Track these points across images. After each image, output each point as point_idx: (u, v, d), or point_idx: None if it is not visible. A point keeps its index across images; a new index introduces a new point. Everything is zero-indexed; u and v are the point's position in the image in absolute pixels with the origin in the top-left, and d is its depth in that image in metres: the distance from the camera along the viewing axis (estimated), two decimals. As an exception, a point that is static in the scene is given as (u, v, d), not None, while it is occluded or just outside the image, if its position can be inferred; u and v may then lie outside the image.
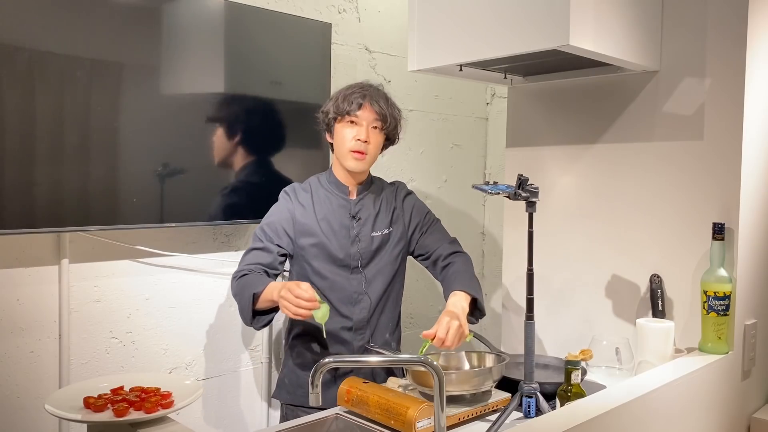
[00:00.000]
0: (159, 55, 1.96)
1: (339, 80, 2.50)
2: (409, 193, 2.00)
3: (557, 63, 1.77)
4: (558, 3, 1.41)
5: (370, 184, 1.92)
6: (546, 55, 1.57)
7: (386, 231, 1.88)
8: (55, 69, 1.76)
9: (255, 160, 2.21)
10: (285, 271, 1.97)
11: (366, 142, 1.80)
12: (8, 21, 1.69)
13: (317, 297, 1.54)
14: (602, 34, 1.50)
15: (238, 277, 1.74)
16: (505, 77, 1.99)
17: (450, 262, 1.88)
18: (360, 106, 1.79)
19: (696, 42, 1.68)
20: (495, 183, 1.53)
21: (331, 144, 1.89)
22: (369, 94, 1.82)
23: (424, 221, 1.96)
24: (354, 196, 1.88)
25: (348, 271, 1.83)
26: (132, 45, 1.90)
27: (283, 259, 1.82)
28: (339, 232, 1.82)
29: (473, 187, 1.56)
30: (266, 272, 1.76)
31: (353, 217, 1.84)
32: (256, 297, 1.66)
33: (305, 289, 1.53)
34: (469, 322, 1.76)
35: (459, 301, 1.71)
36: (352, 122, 1.81)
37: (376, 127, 1.82)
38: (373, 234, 1.85)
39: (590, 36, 1.46)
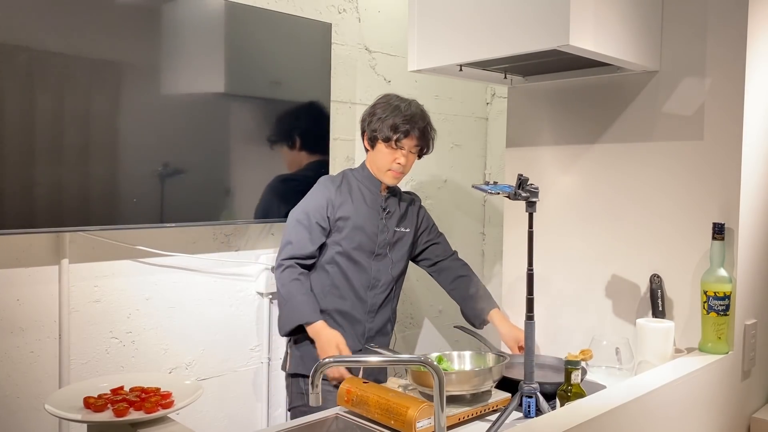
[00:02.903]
0: (159, 55, 1.96)
1: (339, 80, 2.50)
2: (422, 205, 2.24)
3: (557, 63, 1.77)
4: (558, 3, 1.41)
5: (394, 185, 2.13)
6: (546, 55, 1.57)
7: (404, 230, 2.10)
8: (55, 69, 1.76)
9: (255, 159, 2.21)
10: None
11: (406, 164, 2.02)
12: (8, 21, 1.69)
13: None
14: (602, 34, 1.50)
15: (287, 270, 1.94)
16: (505, 77, 1.99)
17: (465, 274, 2.17)
18: (407, 135, 1.98)
19: (696, 42, 1.68)
20: (495, 183, 1.53)
21: (366, 146, 2.09)
22: (416, 124, 1.99)
23: (431, 231, 2.21)
24: (383, 192, 2.08)
25: (371, 257, 2.02)
26: (132, 45, 1.90)
27: (322, 241, 1.98)
28: (371, 221, 2.02)
29: (473, 187, 1.56)
30: (307, 266, 1.98)
31: (384, 209, 2.06)
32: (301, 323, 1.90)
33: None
34: (478, 327, 2.08)
35: (506, 318, 2.05)
36: (394, 147, 1.99)
37: (413, 152, 2.04)
38: (396, 229, 2.07)
39: (590, 36, 1.46)
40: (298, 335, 1.99)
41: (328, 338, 1.85)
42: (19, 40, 1.71)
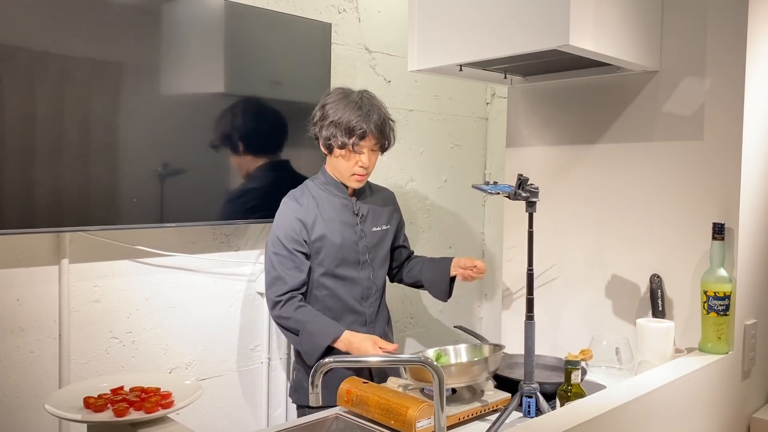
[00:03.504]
0: (159, 55, 1.96)
1: (339, 80, 2.50)
2: (395, 200, 2.15)
3: (557, 63, 1.77)
4: (558, 3, 1.41)
5: None
6: (546, 55, 1.57)
7: (385, 227, 2.00)
8: (55, 69, 1.76)
9: (255, 160, 2.21)
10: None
11: (369, 166, 1.89)
12: (8, 21, 1.69)
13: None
14: (602, 34, 1.50)
15: (286, 305, 1.82)
16: (505, 77, 1.99)
17: (415, 257, 2.16)
18: (363, 137, 1.84)
19: (696, 42, 1.68)
20: (495, 183, 1.53)
21: (324, 150, 1.94)
22: (371, 121, 1.84)
23: (402, 231, 2.14)
24: (352, 195, 1.97)
25: (357, 268, 1.93)
26: (132, 45, 1.90)
27: (309, 265, 1.88)
28: (346, 230, 1.91)
29: (473, 187, 1.56)
30: (303, 294, 1.87)
31: (356, 214, 1.95)
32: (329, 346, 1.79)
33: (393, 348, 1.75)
34: (442, 297, 2.04)
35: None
36: (357, 150, 1.86)
37: (374, 150, 1.90)
38: (374, 229, 1.97)
39: (590, 36, 1.46)
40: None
41: (360, 341, 1.75)
42: (19, 41, 1.71)
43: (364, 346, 1.73)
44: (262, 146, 2.22)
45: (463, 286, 3.18)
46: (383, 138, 1.89)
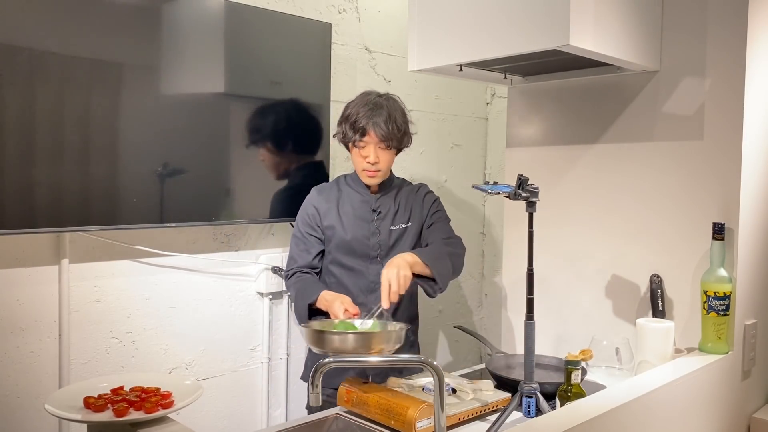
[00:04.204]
0: (159, 55, 1.96)
1: (339, 80, 2.50)
2: (430, 191, 2.08)
3: (557, 63, 1.77)
4: (558, 3, 1.41)
5: (390, 182, 2.03)
6: (546, 55, 1.57)
7: (404, 225, 1.99)
8: (55, 69, 1.76)
9: (254, 160, 2.21)
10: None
11: (376, 162, 1.90)
12: (8, 21, 1.69)
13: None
14: (602, 34, 1.50)
15: (292, 277, 1.96)
16: (505, 77, 1.99)
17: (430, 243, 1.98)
18: (364, 133, 1.88)
19: (696, 42, 1.68)
20: (495, 183, 1.53)
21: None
22: (372, 119, 1.87)
23: (434, 216, 2.03)
24: (376, 192, 2.00)
25: (367, 261, 1.95)
26: (132, 45, 1.90)
27: (320, 249, 1.98)
28: (360, 225, 1.95)
29: (473, 187, 1.56)
30: (315, 272, 1.99)
31: (374, 211, 1.97)
32: (311, 306, 1.84)
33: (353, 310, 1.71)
34: (426, 292, 1.86)
35: (402, 255, 1.77)
36: (360, 146, 1.91)
37: (382, 147, 1.90)
38: (392, 228, 1.97)
39: (590, 36, 1.47)
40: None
41: (332, 300, 1.75)
42: (19, 41, 1.70)
43: (333, 307, 1.74)
44: (262, 146, 2.22)
45: (464, 286, 3.18)
46: (388, 137, 1.89)
